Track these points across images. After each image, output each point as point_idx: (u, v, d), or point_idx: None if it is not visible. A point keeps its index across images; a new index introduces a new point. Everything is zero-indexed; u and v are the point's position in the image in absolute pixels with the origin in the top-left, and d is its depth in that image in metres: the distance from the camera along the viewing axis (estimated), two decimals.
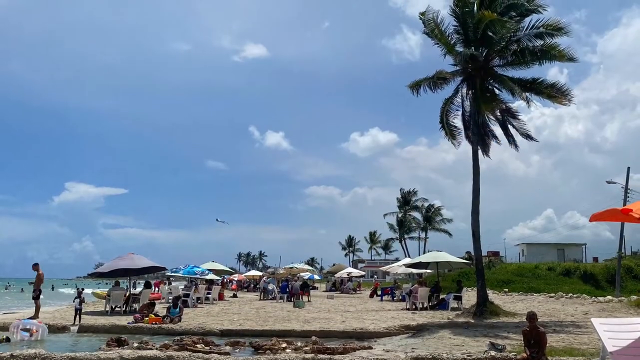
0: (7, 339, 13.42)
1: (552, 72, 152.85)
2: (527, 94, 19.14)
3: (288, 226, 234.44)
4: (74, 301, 17.82)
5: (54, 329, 15.17)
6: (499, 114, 21.07)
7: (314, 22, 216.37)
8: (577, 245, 58.96)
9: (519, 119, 21.28)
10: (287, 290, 29.95)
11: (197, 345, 11.56)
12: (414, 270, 34.76)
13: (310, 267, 58.24)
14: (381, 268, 56.03)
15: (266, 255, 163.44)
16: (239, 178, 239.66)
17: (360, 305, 26.87)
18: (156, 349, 10.93)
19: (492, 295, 25.03)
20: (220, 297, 30.06)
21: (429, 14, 20.16)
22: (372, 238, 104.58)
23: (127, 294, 20.94)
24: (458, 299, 23.14)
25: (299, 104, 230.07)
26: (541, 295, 30.65)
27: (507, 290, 34.78)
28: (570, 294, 29.39)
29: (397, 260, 68.11)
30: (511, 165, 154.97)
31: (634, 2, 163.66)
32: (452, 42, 20.31)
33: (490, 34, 19.10)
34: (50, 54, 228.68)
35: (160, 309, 19.61)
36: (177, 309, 17.44)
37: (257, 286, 41.28)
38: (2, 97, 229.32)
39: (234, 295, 35.30)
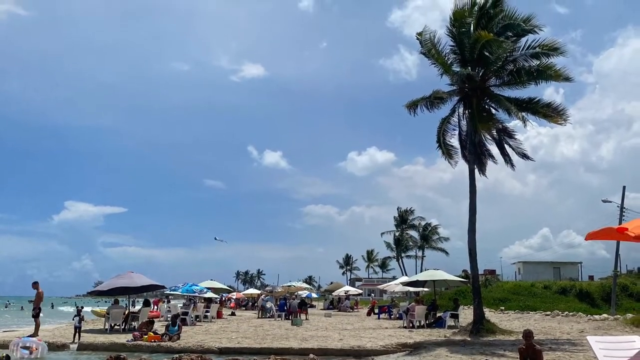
0: (7, 357, 13.46)
1: (548, 92, 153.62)
2: (524, 113, 19.20)
3: (286, 245, 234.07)
4: (73, 319, 17.80)
5: (53, 347, 15.25)
6: (495, 133, 21.14)
7: (311, 42, 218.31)
8: (573, 264, 58.99)
9: (515, 139, 21.32)
10: (285, 308, 29.93)
11: None
12: (411, 289, 34.78)
13: (308, 285, 58.01)
14: (378, 286, 55.93)
15: (264, 274, 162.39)
16: (237, 197, 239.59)
17: (358, 323, 26.87)
18: None
19: (489, 314, 25.06)
20: (219, 315, 30.04)
21: (426, 34, 20.37)
22: (370, 256, 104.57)
23: (126, 312, 20.96)
24: (455, 317, 23.15)
25: (296, 124, 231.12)
26: (537, 314, 30.71)
27: (503, 308, 34.81)
28: (566, 312, 29.51)
29: (394, 278, 67.84)
30: (507, 184, 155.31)
31: (629, 22, 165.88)
32: (449, 62, 20.45)
33: (487, 54, 19.20)
34: (50, 72, 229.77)
35: (159, 327, 19.65)
36: (176, 327, 17.48)
37: (255, 304, 41.15)
38: (2, 116, 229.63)
39: (232, 314, 35.19)
